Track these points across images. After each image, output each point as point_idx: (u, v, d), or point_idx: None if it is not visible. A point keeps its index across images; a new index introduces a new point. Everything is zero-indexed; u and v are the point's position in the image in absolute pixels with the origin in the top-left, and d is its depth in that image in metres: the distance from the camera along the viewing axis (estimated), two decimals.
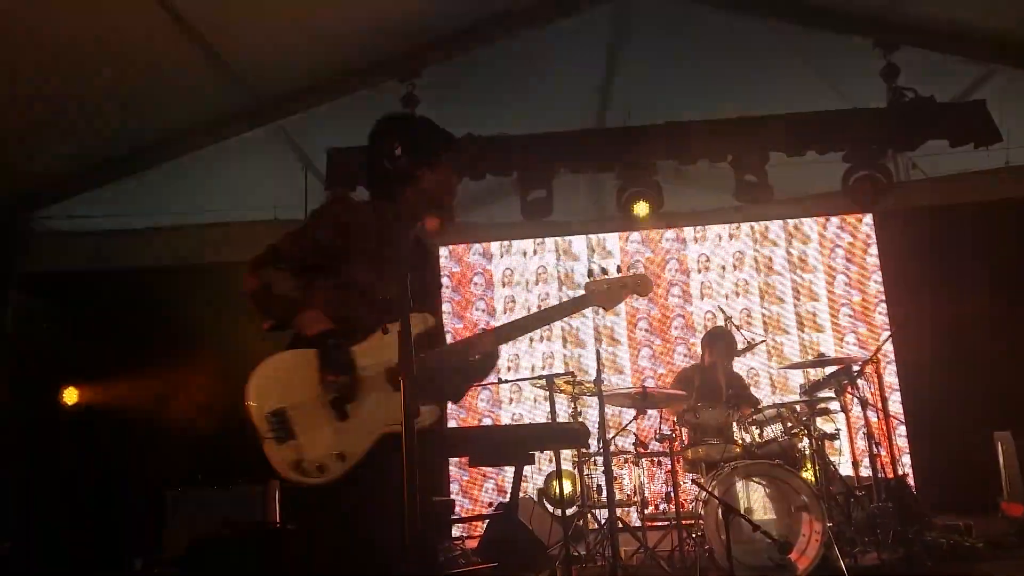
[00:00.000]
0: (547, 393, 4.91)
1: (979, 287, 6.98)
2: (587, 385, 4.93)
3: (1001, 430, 5.83)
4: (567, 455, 5.16)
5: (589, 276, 2.49)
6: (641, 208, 7.26)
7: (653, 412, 5.14)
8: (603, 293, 2.46)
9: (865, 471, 5.31)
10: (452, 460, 6.88)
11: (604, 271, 2.48)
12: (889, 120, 7.12)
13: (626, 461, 5.14)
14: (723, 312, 5.80)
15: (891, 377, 7.12)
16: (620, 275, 2.47)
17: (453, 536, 5.55)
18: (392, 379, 2.14)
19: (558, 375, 4.74)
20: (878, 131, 7.14)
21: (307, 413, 2.12)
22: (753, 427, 4.97)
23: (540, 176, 6.91)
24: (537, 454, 5.02)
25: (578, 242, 7.75)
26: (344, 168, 6.30)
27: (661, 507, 5.10)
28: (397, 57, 7.07)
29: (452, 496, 6.85)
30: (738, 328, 5.70)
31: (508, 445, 3.99)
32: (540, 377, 4.72)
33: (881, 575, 4.57)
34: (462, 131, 6.67)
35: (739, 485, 5.02)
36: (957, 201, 7.59)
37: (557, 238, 7.73)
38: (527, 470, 5.22)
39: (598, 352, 4.80)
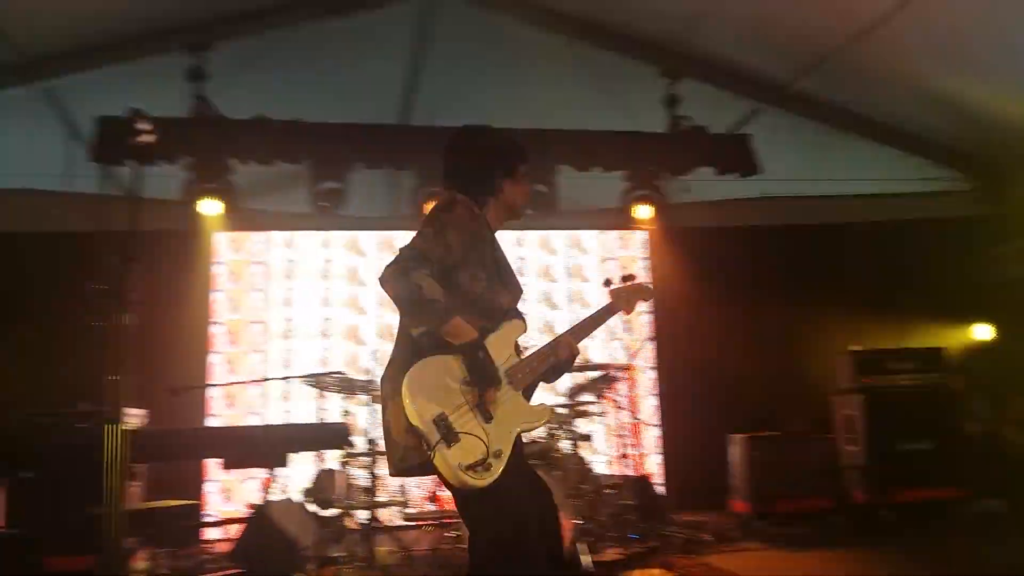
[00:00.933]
0: (319, 391, 4.88)
1: (732, 304, 7.72)
2: (359, 383, 4.93)
3: (736, 432, 6.48)
4: (336, 454, 5.12)
5: (607, 284, 2.86)
6: None
7: None
8: (624, 298, 2.79)
9: (617, 470, 5.72)
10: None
11: (623, 279, 2.87)
12: (667, 145, 7.68)
13: None
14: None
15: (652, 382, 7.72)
16: (636, 282, 2.86)
17: (204, 540, 5.35)
18: (512, 381, 2.37)
19: (325, 374, 4.69)
20: (657, 154, 7.68)
21: (464, 416, 2.23)
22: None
23: (334, 167, 6.80)
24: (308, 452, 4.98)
25: (368, 238, 7.69)
26: (113, 138, 5.84)
27: (424, 507, 5.21)
28: (185, 27, 6.66)
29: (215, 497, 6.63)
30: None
31: (261, 446, 3.90)
32: (307, 376, 4.65)
33: (622, 567, 4.94)
34: (253, 112, 6.47)
35: None
36: (721, 224, 8.33)
37: (347, 233, 7.62)
38: (294, 469, 5.15)
39: (374, 353, 4.78)
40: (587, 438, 5.46)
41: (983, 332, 8.11)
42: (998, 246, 8.28)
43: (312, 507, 4.84)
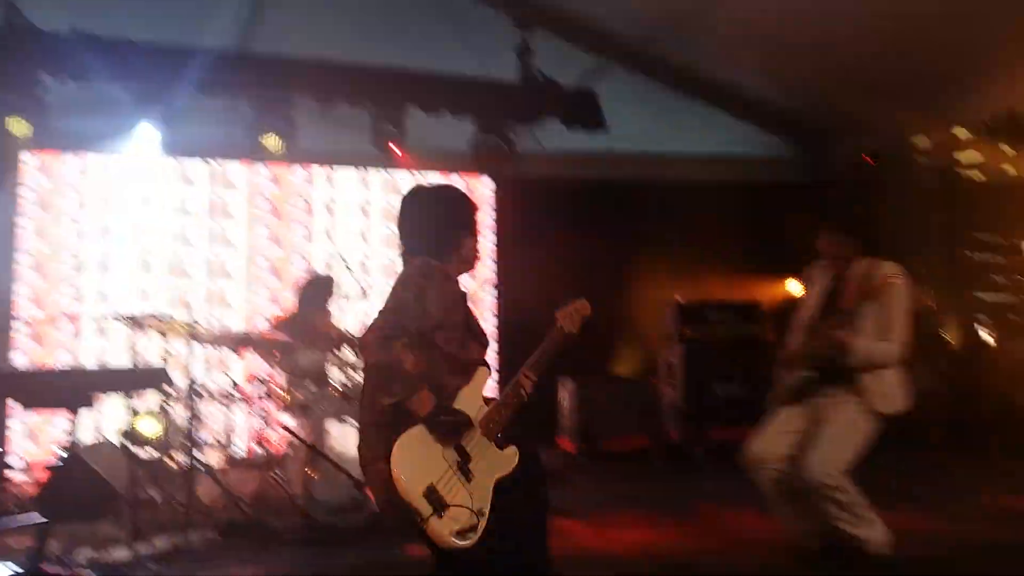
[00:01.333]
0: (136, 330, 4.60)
1: (571, 253, 7.92)
2: (180, 324, 4.69)
3: (565, 376, 6.75)
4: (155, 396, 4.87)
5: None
6: (273, 142, 7.04)
7: (253, 355, 5.04)
8: (570, 318, 2.81)
9: None
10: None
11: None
12: (516, 94, 7.70)
13: (218, 403, 5.02)
14: (343, 258, 5.87)
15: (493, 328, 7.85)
16: (577, 302, 2.86)
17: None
18: (486, 431, 2.48)
19: (145, 314, 4.42)
20: (506, 102, 7.69)
21: (449, 482, 2.33)
22: (350, 371, 5.13)
23: (160, 92, 6.31)
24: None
25: (195, 167, 7.25)
26: None
27: (251, 450, 5.08)
28: None
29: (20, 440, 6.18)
30: (350, 270, 5.81)
31: (66, 387, 3.64)
32: (125, 316, 4.37)
33: None
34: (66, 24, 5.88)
35: (334, 428, 5.20)
36: (566, 176, 8.50)
37: (172, 160, 7.15)
38: (109, 410, 4.87)
39: (202, 290, 4.53)
40: None
41: (796, 288, 8.80)
42: (816, 209, 8.93)
43: (128, 449, 4.59)
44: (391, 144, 7.43)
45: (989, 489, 5.29)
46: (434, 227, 2.64)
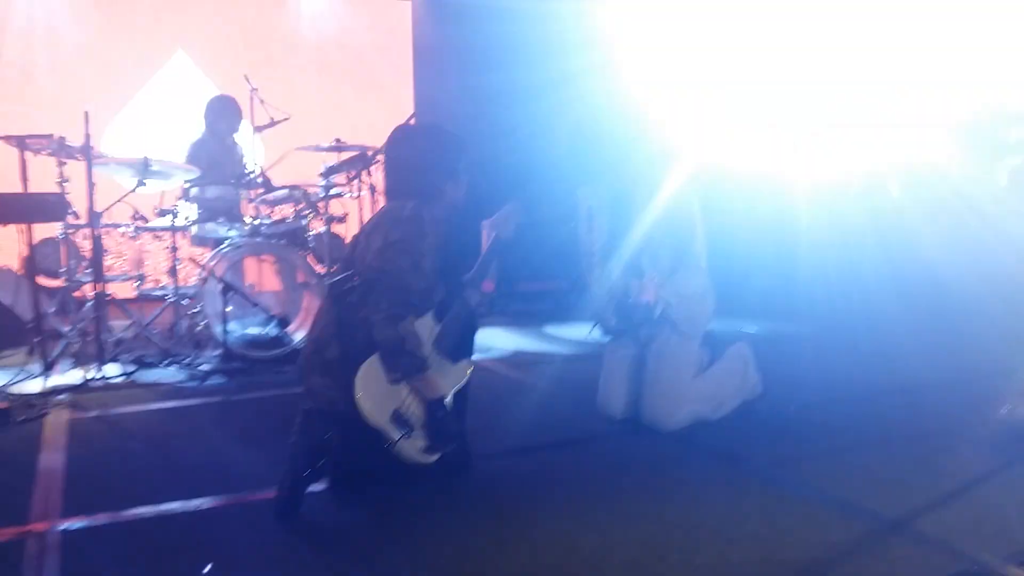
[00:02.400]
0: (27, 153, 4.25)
1: (497, 78, 7.64)
2: (75, 149, 4.35)
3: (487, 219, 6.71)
4: (53, 226, 4.59)
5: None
6: None
7: (158, 184, 4.75)
8: (504, 223, 2.78)
9: None
10: None
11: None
12: None
13: (123, 235, 4.79)
14: (248, 81, 5.50)
15: None
16: (507, 206, 2.82)
17: None
18: (440, 349, 2.52)
19: (33, 136, 4.06)
20: None
21: (411, 403, 2.41)
22: (263, 207, 4.96)
23: None
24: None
25: None
26: None
27: (161, 283, 4.93)
28: None
29: None
30: (262, 102, 5.49)
31: None
32: (9, 137, 4.00)
33: None
34: None
35: (247, 263, 5.09)
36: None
37: None
38: (9, 241, 4.57)
39: (86, 115, 4.16)
40: (342, 220, 5.37)
41: None
42: None
43: (34, 278, 4.36)
44: None
45: None
46: (416, 176, 2.60)
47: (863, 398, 3.76)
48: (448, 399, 2.50)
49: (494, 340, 5.37)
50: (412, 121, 5.59)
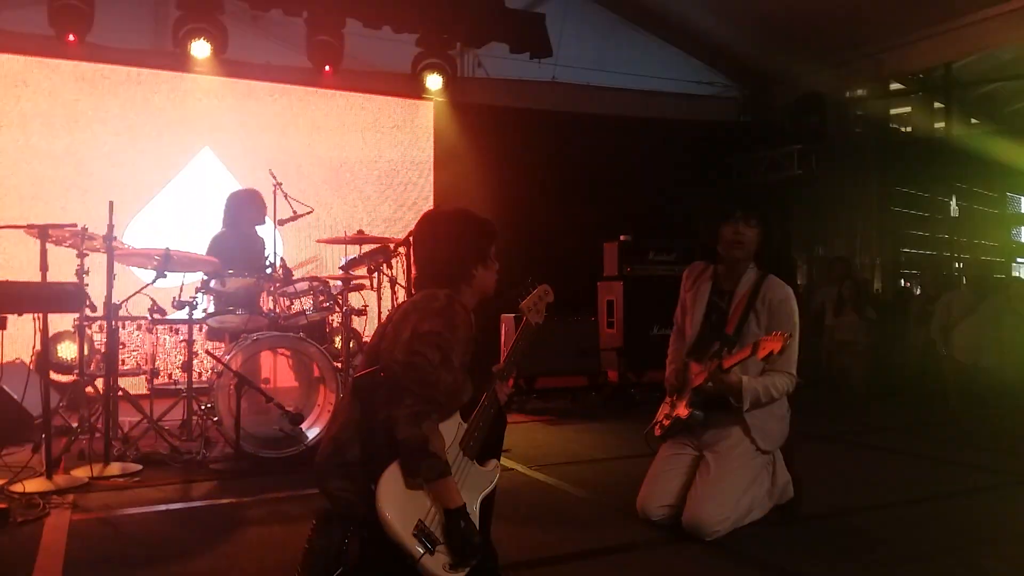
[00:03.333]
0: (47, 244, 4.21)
1: (510, 185, 7.73)
2: (97, 240, 4.32)
3: (508, 313, 6.59)
4: (69, 318, 4.52)
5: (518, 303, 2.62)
6: (201, 49, 6.59)
7: (177, 277, 4.70)
8: (535, 310, 2.60)
9: None
10: None
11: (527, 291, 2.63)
12: (462, 13, 7.35)
13: (139, 328, 4.71)
14: (273, 176, 5.53)
15: None
16: (537, 288, 2.63)
17: None
18: (466, 450, 2.33)
19: (56, 225, 4.03)
20: (451, 22, 7.34)
21: (434, 516, 2.20)
22: (283, 299, 4.87)
23: None
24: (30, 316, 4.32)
25: (119, 72, 6.71)
26: None
27: (174, 377, 4.80)
28: None
29: None
30: (286, 196, 5.50)
31: None
32: (32, 227, 3.98)
33: None
34: None
35: (263, 357, 4.96)
36: (509, 104, 8.22)
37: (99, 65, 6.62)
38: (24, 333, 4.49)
39: (110, 204, 4.16)
40: (361, 313, 5.28)
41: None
42: (757, 151, 8.98)
43: (44, 372, 4.25)
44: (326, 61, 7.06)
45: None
46: (445, 259, 2.47)
47: (903, 500, 3.54)
48: (474, 506, 2.31)
49: (513, 438, 5.17)
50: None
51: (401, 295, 5.28)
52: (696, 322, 3.27)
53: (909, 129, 14.32)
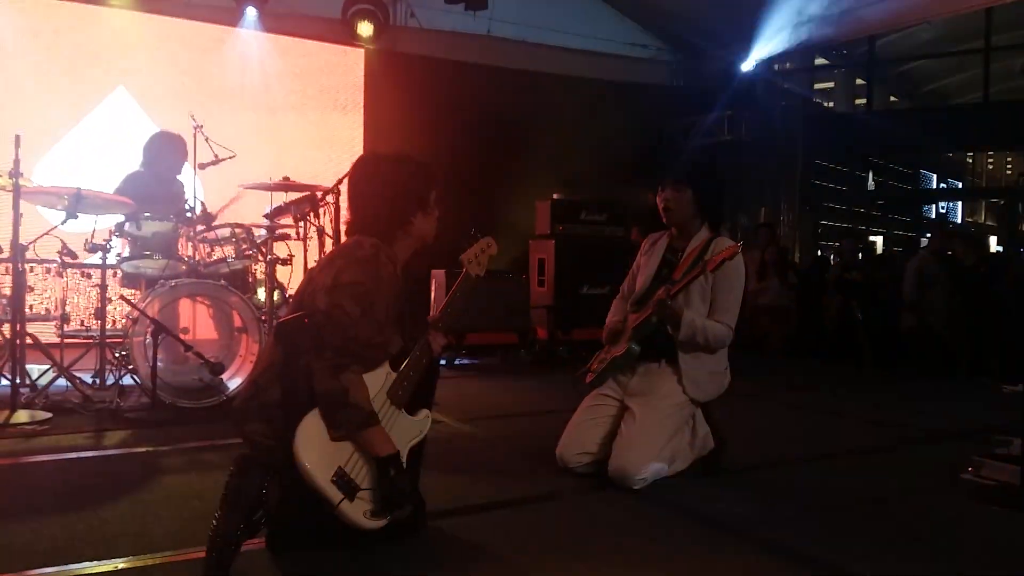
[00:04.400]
0: None
1: (442, 138, 7.59)
2: (2, 176, 4.05)
3: (438, 268, 6.53)
4: None
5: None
6: None
7: (89, 220, 4.45)
8: (476, 262, 2.47)
9: None
10: None
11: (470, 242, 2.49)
12: None
13: (48, 271, 4.46)
14: (193, 119, 5.27)
15: None
16: (480, 240, 2.49)
17: None
18: (394, 399, 2.26)
19: None
20: None
21: (359, 463, 2.16)
22: (203, 245, 4.68)
23: None
24: None
25: (29, 4, 6.27)
26: None
27: (87, 324, 4.58)
28: None
29: None
30: (207, 140, 5.26)
31: None
32: None
33: None
34: None
35: (182, 305, 4.77)
36: (442, 56, 8.06)
37: None
38: None
39: (17, 138, 3.89)
40: (286, 262, 5.12)
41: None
42: (688, 116, 9.08)
43: None
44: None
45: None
46: (379, 205, 2.36)
47: (817, 455, 3.68)
48: (403, 455, 2.26)
49: (442, 392, 5.13)
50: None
51: (329, 245, 5.12)
52: (647, 277, 3.27)
53: (831, 104, 14.75)
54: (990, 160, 18.74)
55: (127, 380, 4.37)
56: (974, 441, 3.59)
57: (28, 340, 4.19)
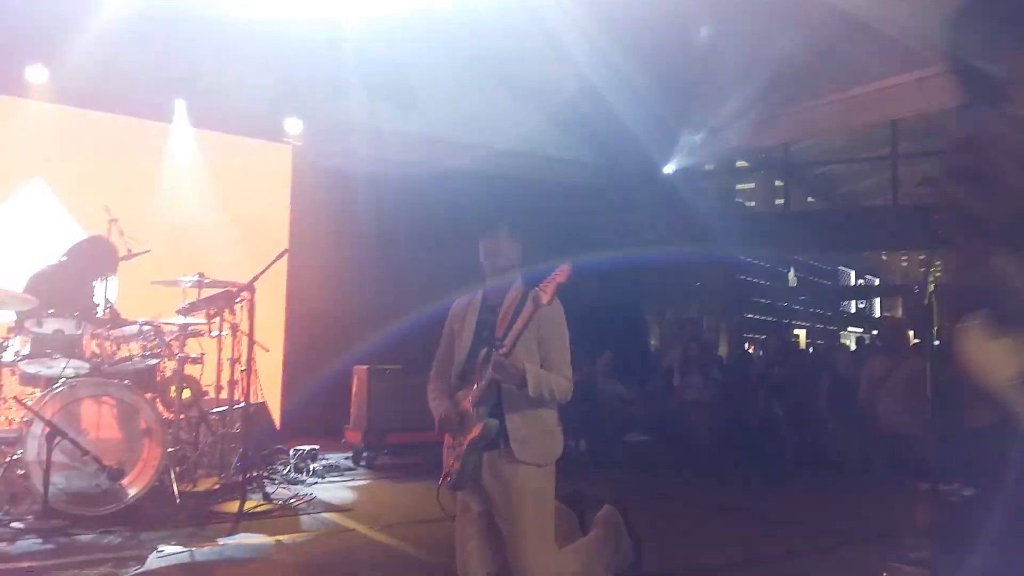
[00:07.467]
0: None
1: (368, 241, 7.61)
2: None
3: (360, 364, 6.37)
4: None
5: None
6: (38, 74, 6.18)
7: None
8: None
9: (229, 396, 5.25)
10: None
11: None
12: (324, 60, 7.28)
13: None
14: (108, 212, 5.17)
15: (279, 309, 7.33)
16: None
17: None
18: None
19: None
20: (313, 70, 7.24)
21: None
22: (108, 343, 4.51)
23: None
24: None
25: None
26: None
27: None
28: None
29: None
30: (122, 234, 5.15)
31: None
32: None
33: (216, 497, 4.59)
34: None
35: (85, 405, 4.54)
36: (371, 154, 8.13)
37: None
38: None
39: None
40: (196, 361, 4.96)
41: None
42: (611, 216, 9.31)
43: None
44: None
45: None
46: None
47: (742, 561, 3.64)
48: None
49: (357, 497, 4.97)
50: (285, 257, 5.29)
51: (244, 342, 4.98)
52: (465, 343, 2.97)
53: (753, 203, 15.40)
54: (904, 258, 19.67)
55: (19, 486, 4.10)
56: (889, 544, 3.61)
57: None
